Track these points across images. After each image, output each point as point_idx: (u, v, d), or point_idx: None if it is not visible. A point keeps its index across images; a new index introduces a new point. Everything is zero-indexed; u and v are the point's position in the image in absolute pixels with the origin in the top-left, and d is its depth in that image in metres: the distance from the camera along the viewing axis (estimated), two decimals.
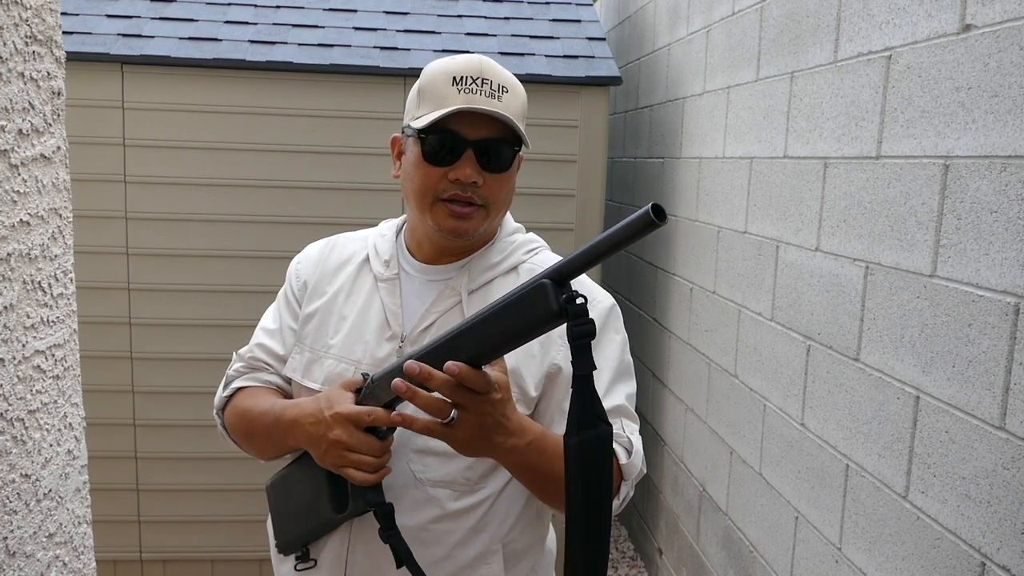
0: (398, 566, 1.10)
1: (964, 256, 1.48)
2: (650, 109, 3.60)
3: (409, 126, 1.19)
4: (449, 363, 0.92)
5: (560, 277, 0.88)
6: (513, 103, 1.18)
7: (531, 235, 1.32)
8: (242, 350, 1.37)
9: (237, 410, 1.29)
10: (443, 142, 1.14)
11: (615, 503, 1.13)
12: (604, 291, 1.28)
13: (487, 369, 0.96)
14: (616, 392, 1.20)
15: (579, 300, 0.86)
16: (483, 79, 1.15)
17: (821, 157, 2.02)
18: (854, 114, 1.86)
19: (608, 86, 3.06)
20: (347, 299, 1.26)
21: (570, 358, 0.89)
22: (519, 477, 1.12)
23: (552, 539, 1.40)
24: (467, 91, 1.14)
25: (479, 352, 0.93)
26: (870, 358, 1.77)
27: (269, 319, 1.36)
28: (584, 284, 1.22)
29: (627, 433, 1.18)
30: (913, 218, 1.63)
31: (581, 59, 3.10)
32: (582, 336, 0.85)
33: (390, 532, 1.10)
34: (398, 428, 1.15)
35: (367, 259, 1.28)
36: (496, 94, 1.15)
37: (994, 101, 1.41)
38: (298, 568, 1.24)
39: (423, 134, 1.15)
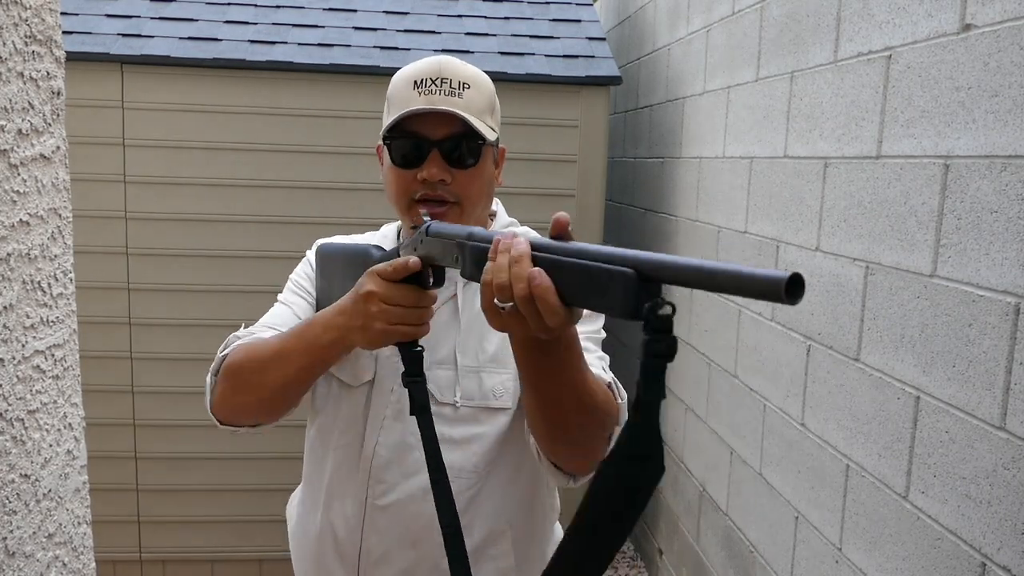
0: (411, 412, 1.08)
1: (964, 256, 1.48)
2: (650, 109, 3.59)
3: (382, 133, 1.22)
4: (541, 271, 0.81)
5: (650, 272, 0.73)
6: (476, 98, 1.19)
7: (525, 228, 1.33)
8: (242, 331, 1.31)
9: (243, 350, 1.20)
10: (408, 145, 1.18)
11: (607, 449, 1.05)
12: None
13: None
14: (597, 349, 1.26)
15: (665, 310, 0.72)
16: (442, 79, 1.17)
17: (821, 157, 2.02)
18: (854, 114, 1.86)
19: (608, 86, 3.06)
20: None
21: None
22: (553, 384, 1.00)
23: (559, 529, 1.39)
24: (427, 92, 1.16)
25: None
26: (870, 358, 1.77)
27: (277, 305, 1.34)
28: None
29: (607, 372, 1.20)
30: (913, 218, 1.63)
31: (581, 59, 3.10)
32: (658, 356, 0.71)
33: (413, 378, 1.08)
34: (409, 420, 1.16)
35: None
36: (456, 91, 1.17)
37: (994, 101, 1.41)
38: None
39: (387, 140, 1.19)
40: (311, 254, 1.36)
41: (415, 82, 1.17)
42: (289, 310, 1.29)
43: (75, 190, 0.83)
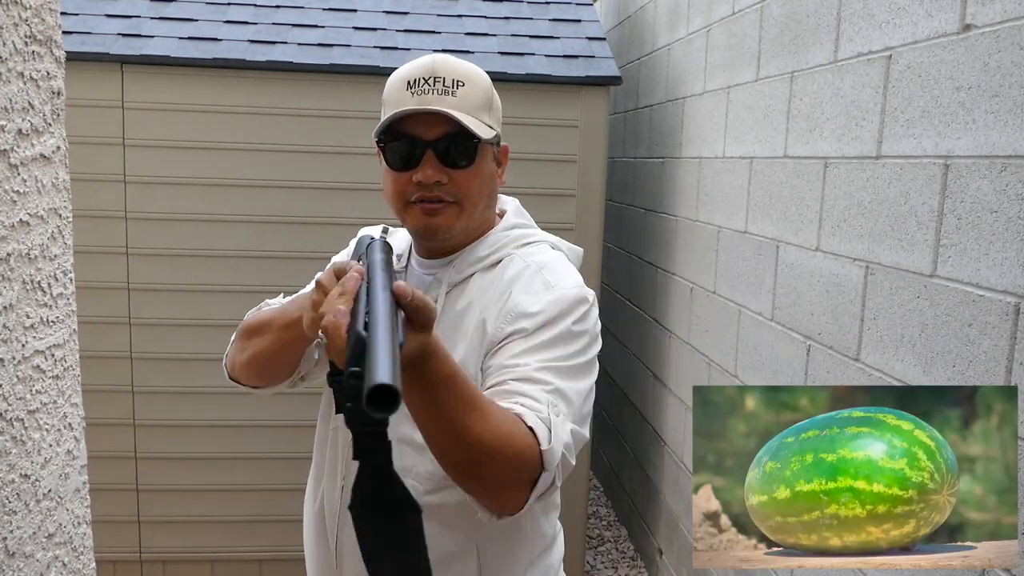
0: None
1: (964, 256, 1.48)
2: (650, 109, 3.59)
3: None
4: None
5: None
6: (471, 95, 1.18)
7: (530, 231, 1.30)
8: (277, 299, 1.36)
9: (256, 314, 1.28)
10: (402, 147, 1.17)
11: (532, 496, 1.02)
12: (577, 283, 1.19)
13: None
14: (544, 365, 1.10)
15: (377, 415, 0.69)
16: (435, 78, 1.16)
17: (821, 157, 2.02)
18: (854, 114, 1.86)
19: (608, 86, 3.06)
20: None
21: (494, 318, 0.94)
22: (430, 423, 0.99)
23: (558, 554, 1.33)
24: (419, 93, 1.15)
25: None
26: (870, 358, 1.77)
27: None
28: (553, 272, 1.18)
29: (548, 409, 1.04)
30: (913, 218, 1.63)
31: (581, 59, 3.10)
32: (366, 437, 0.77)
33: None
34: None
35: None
36: (450, 90, 1.16)
37: (994, 101, 1.41)
38: None
39: (381, 143, 1.18)
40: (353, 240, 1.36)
41: (408, 82, 1.17)
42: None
43: (75, 190, 0.83)
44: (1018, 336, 1.34)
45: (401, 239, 1.34)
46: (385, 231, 1.24)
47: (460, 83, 1.17)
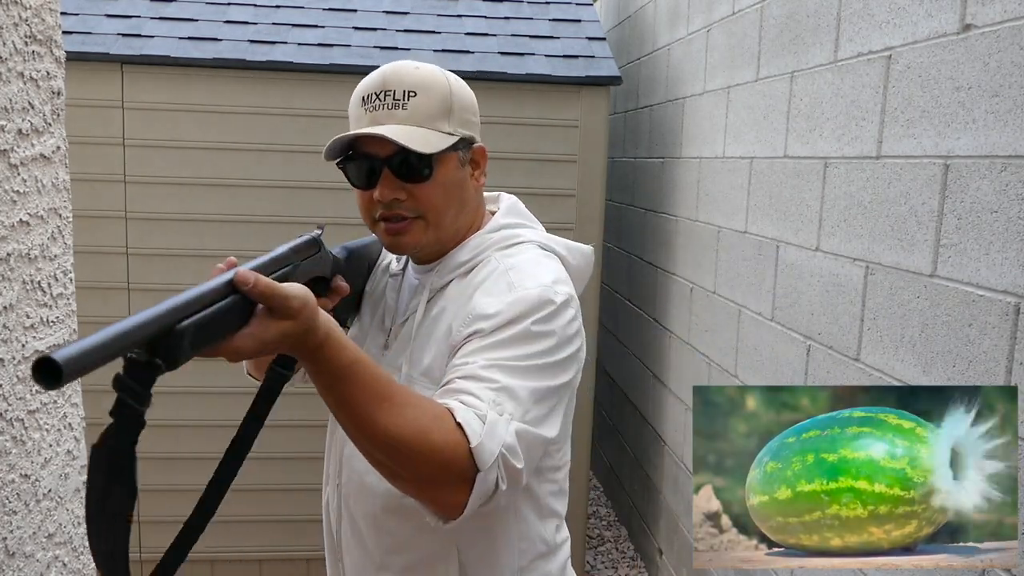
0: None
1: (964, 256, 1.48)
2: (650, 109, 3.59)
3: None
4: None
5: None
6: (424, 104, 1.15)
7: (517, 232, 1.25)
8: None
9: None
10: (359, 166, 1.17)
11: (472, 497, 0.96)
12: (545, 285, 1.12)
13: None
14: (491, 364, 1.04)
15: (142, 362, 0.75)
16: (385, 92, 1.15)
17: (821, 157, 2.02)
18: (854, 114, 1.86)
19: (608, 86, 3.06)
20: (372, 292, 1.35)
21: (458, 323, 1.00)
22: (338, 413, 0.97)
23: (560, 562, 1.29)
24: (372, 109, 1.15)
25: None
26: (870, 358, 1.77)
27: None
28: (521, 273, 1.14)
29: (489, 407, 0.98)
30: (913, 218, 1.63)
31: (581, 59, 3.10)
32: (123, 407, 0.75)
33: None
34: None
35: (391, 260, 1.38)
36: (400, 103, 1.14)
37: (994, 101, 1.41)
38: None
39: (340, 165, 1.18)
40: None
41: (363, 98, 1.16)
42: None
43: (75, 190, 0.83)
44: (1018, 336, 1.34)
45: None
46: (321, 228, 1.21)
47: (412, 93, 1.14)
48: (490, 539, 1.19)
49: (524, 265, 1.16)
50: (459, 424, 0.95)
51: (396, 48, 3.02)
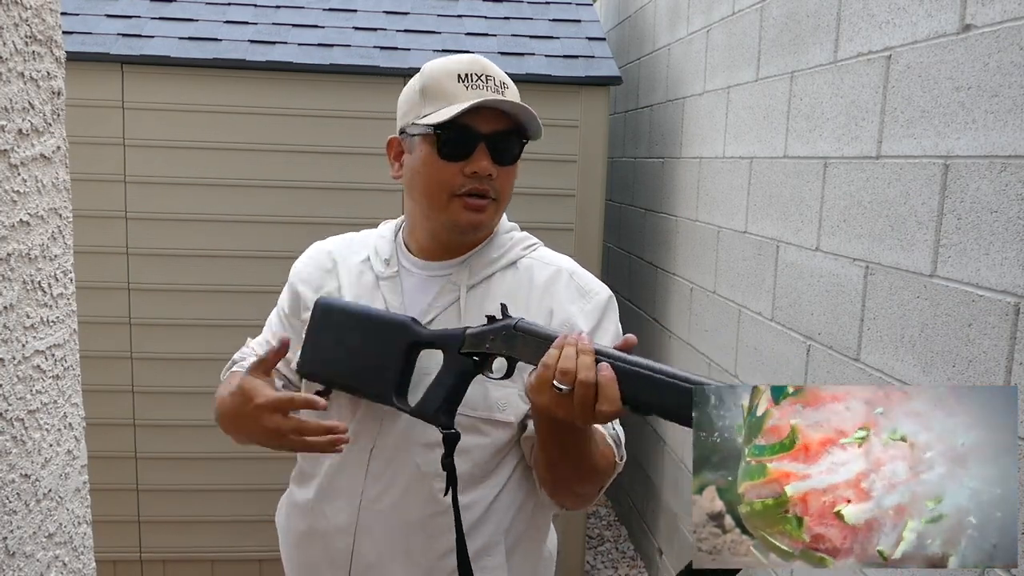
0: (444, 494, 1.14)
1: (964, 256, 1.48)
2: (650, 109, 3.60)
3: (415, 124, 1.19)
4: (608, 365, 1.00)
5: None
6: (514, 96, 1.21)
7: (525, 232, 1.34)
8: (254, 340, 1.40)
9: (219, 392, 1.26)
10: (458, 138, 1.16)
11: (596, 497, 1.22)
12: (601, 283, 1.29)
13: None
14: None
15: None
16: (486, 75, 1.19)
17: (821, 157, 2.02)
18: (854, 114, 1.86)
19: (608, 86, 3.06)
20: (349, 298, 1.26)
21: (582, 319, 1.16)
22: (551, 444, 1.13)
23: (553, 541, 1.38)
24: (474, 87, 1.17)
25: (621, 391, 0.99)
26: (870, 358, 1.77)
27: (273, 317, 1.39)
28: (581, 276, 1.27)
29: (616, 428, 1.22)
30: (913, 218, 1.63)
31: (581, 59, 3.10)
32: None
33: (450, 460, 1.12)
34: (407, 421, 1.17)
35: (368, 259, 1.29)
36: (500, 89, 1.19)
37: (994, 101, 1.41)
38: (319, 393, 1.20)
39: (439, 130, 1.16)
40: (297, 282, 1.32)
41: (459, 76, 1.17)
42: (271, 331, 1.36)
43: (75, 190, 0.83)
44: (1018, 336, 1.34)
45: (385, 241, 1.30)
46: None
47: (506, 85, 1.21)
48: (527, 526, 1.30)
49: (573, 267, 1.29)
50: (616, 442, 1.20)
51: (396, 48, 3.02)
